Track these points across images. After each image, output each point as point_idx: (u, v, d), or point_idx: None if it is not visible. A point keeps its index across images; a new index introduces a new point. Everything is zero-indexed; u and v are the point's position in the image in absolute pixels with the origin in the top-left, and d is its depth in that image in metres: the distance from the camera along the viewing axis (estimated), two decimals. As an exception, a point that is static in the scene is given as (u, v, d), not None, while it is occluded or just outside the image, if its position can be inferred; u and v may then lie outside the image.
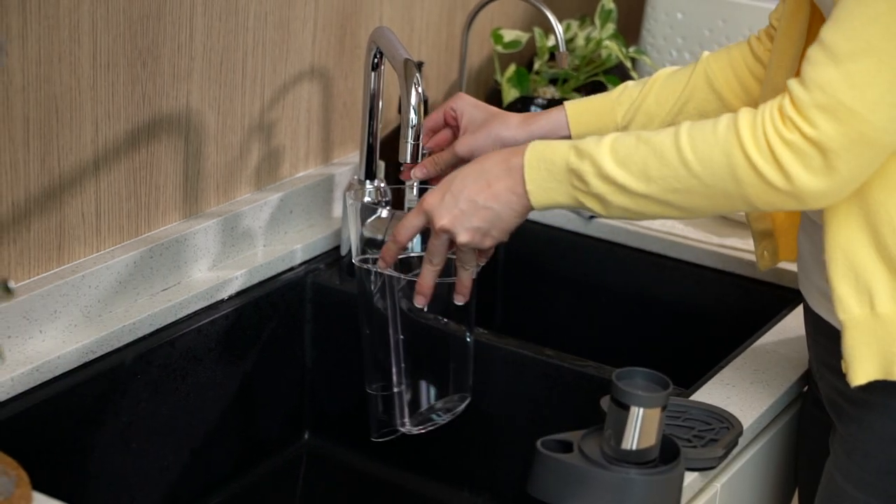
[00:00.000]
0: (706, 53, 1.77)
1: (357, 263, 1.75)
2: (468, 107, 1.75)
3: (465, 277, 1.62)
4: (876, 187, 1.48)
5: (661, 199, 1.47)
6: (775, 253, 1.79)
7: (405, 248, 1.65)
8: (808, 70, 1.40)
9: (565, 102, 1.75)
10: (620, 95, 1.75)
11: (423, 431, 1.75)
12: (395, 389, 1.75)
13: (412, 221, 1.59)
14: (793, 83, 1.41)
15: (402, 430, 1.75)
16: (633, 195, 1.47)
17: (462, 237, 1.55)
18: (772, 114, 1.42)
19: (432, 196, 1.57)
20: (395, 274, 1.70)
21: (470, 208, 1.54)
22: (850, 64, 1.37)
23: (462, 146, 1.71)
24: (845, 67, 1.37)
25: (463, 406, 1.75)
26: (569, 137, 1.72)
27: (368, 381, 1.77)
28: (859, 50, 1.37)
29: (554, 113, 1.74)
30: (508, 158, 1.54)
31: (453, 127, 1.76)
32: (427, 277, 1.61)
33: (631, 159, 1.47)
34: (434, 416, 1.76)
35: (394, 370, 1.74)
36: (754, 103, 1.70)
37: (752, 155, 1.42)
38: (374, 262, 1.72)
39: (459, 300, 1.63)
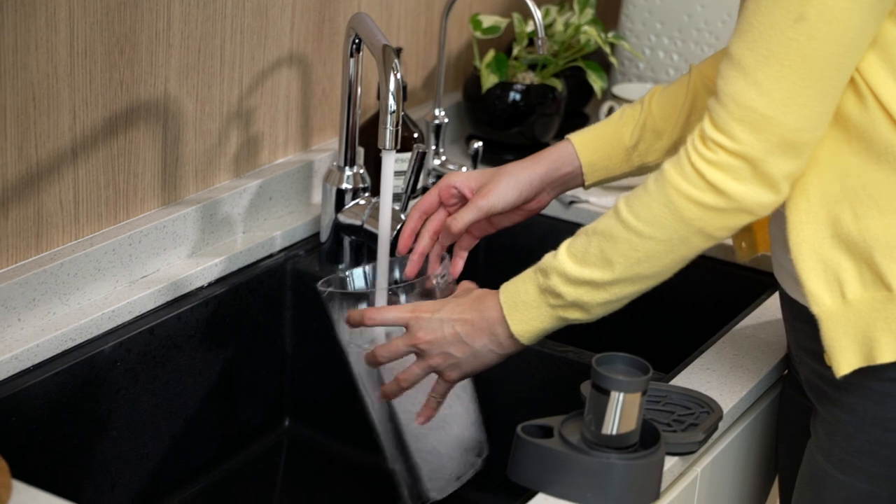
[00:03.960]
0: (692, 65, 1.77)
1: (344, 345, 1.70)
2: (469, 175, 1.72)
3: (433, 404, 1.62)
4: (829, 178, 1.50)
5: (631, 276, 1.50)
6: (753, 244, 1.80)
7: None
8: (721, 84, 1.44)
9: (569, 136, 1.73)
10: (622, 118, 1.74)
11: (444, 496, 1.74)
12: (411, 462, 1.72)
13: (392, 317, 1.59)
14: (711, 101, 1.45)
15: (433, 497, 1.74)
16: (605, 286, 1.50)
17: (433, 359, 1.57)
18: (693, 143, 1.45)
19: (426, 311, 1.57)
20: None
21: (452, 337, 1.56)
22: (756, 73, 1.41)
23: (482, 199, 1.68)
24: (752, 77, 1.41)
25: (481, 461, 1.73)
26: (580, 169, 1.72)
27: (389, 459, 1.74)
28: (762, 58, 1.41)
29: (559, 146, 1.73)
30: (485, 300, 1.56)
31: (449, 205, 1.73)
32: (391, 390, 1.61)
33: (588, 253, 1.50)
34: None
35: (404, 444, 1.72)
36: None
37: (686, 190, 1.45)
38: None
39: (419, 421, 1.64)
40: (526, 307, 1.54)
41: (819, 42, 1.40)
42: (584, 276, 1.50)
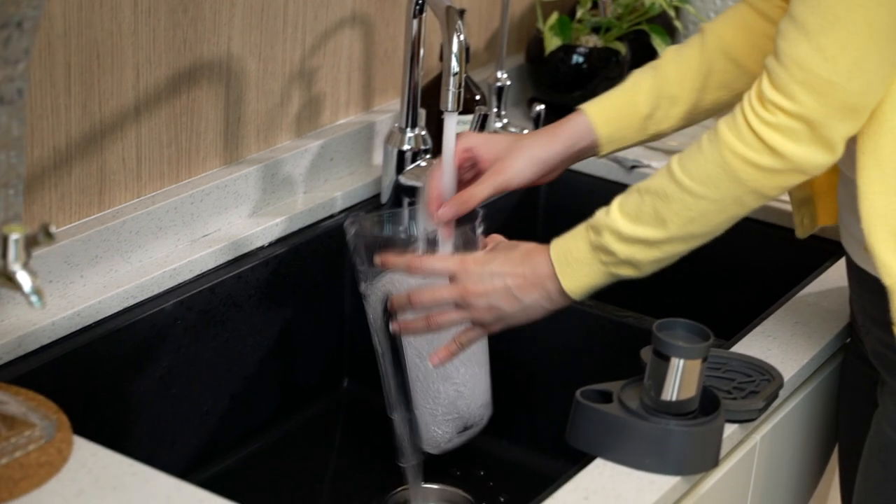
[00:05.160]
0: (705, 24, 1.74)
1: (363, 290, 1.69)
2: (485, 140, 1.69)
3: (454, 348, 1.61)
4: None
5: (683, 235, 1.49)
6: (814, 218, 1.79)
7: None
8: (783, 46, 1.42)
9: (580, 107, 1.70)
10: (635, 85, 1.71)
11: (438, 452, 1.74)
12: (414, 413, 1.72)
13: (440, 267, 1.58)
14: (771, 62, 1.43)
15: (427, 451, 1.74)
16: (658, 244, 1.49)
17: (478, 311, 1.56)
18: (751, 104, 1.44)
19: (473, 263, 1.57)
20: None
21: (501, 290, 1.55)
22: (820, 37, 1.40)
23: (499, 175, 1.66)
24: (816, 41, 1.40)
25: (484, 422, 1.74)
26: (595, 142, 1.69)
27: (389, 406, 1.74)
28: (827, 23, 1.39)
29: (575, 120, 1.70)
30: (535, 256, 1.55)
31: (462, 169, 1.70)
32: (416, 327, 1.60)
33: (642, 212, 1.49)
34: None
35: (407, 392, 1.72)
36: None
37: (741, 151, 1.44)
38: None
39: (433, 361, 1.62)
40: (578, 264, 1.53)
41: (886, 8, 1.38)
42: (638, 234, 1.49)
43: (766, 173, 1.44)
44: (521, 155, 1.67)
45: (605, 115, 1.70)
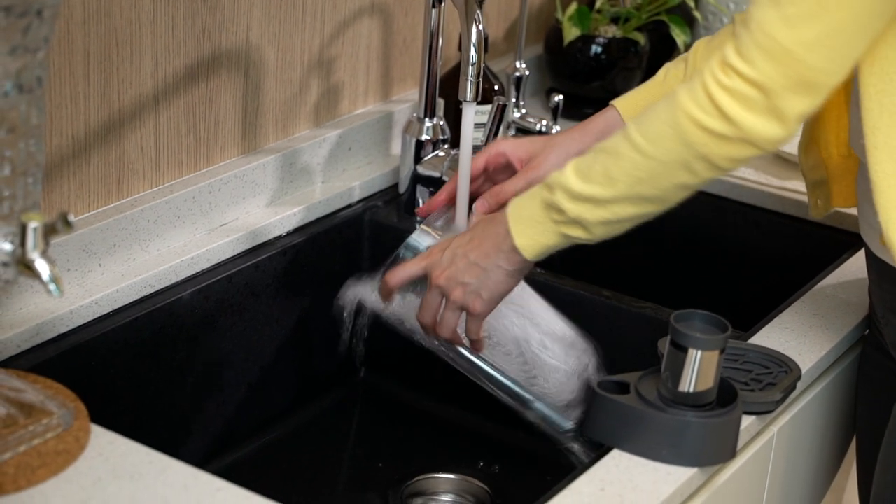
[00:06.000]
0: (736, 15, 1.74)
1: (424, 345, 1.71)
2: (516, 143, 1.71)
3: (477, 346, 1.62)
4: None
5: (631, 196, 1.46)
6: (828, 200, 1.78)
7: (395, 290, 1.64)
8: (752, 10, 1.40)
9: (613, 102, 1.72)
10: (666, 77, 1.72)
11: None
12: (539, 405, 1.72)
13: (410, 270, 1.60)
14: (739, 27, 1.41)
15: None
16: (605, 203, 1.47)
17: (453, 294, 1.56)
18: (710, 68, 1.42)
19: (437, 251, 1.58)
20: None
21: (464, 265, 1.55)
22: (788, 6, 1.37)
23: (533, 171, 1.67)
24: (784, 9, 1.37)
25: (592, 367, 1.73)
26: None
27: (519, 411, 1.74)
28: None
29: (605, 115, 1.71)
30: (494, 218, 1.56)
31: (496, 174, 1.72)
32: (439, 339, 1.63)
33: (592, 170, 1.47)
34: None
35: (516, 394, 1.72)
36: None
37: (694, 113, 1.41)
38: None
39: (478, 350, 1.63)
40: (530, 221, 1.52)
41: None
42: (586, 192, 1.47)
43: (714, 138, 1.41)
44: (555, 151, 1.68)
45: (635, 110, 1.70)
